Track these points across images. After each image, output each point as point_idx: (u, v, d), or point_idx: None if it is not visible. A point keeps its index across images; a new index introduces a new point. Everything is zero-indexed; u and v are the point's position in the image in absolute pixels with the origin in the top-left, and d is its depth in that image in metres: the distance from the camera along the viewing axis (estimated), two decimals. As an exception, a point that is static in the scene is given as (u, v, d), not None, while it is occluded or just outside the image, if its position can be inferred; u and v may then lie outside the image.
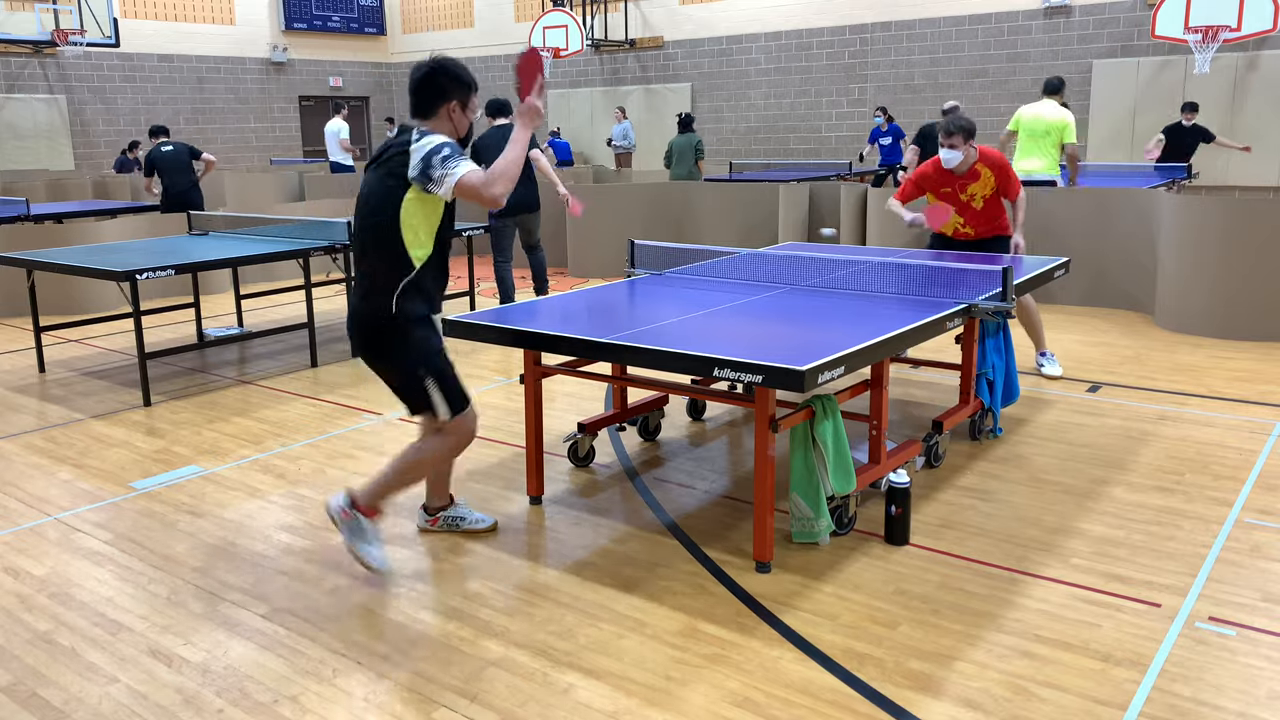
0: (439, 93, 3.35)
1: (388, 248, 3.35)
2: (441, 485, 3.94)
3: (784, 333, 3.72)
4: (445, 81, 3.34)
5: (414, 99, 3.38)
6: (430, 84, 3.34)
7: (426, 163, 3.24)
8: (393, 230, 3.33)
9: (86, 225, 8.88)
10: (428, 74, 3.34)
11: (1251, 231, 7.01)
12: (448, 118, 3.38)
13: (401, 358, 3.46)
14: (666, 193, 10.56)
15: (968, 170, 5.76)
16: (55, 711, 2.83)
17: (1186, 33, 11.76)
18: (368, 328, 3.44)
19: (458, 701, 2.84)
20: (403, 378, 3.51)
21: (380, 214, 3.34)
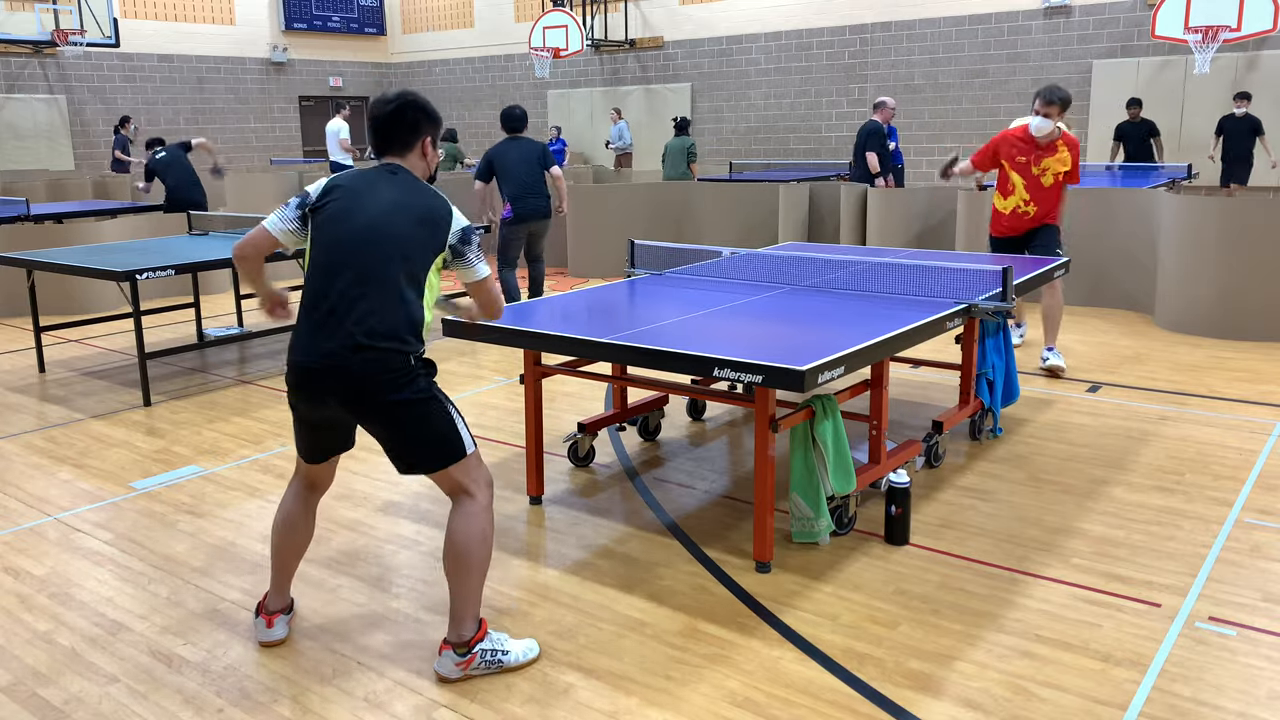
0: (413, 128, 3.01)
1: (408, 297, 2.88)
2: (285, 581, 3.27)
3: (784, 333, 3.72)
4: (419, 116, 3.02)
5: (386, 134, 3.00)
6: (404, 118, 2.99)
7: (466, 239, 2.98)
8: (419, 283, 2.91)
9: (86, 225, 8.88)
10: (399, 108, 2.98)
11: (1251, 231, 7.01)
12: (421, 154, 3.06)
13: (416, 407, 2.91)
14: (666, 193, 10.56)
15: (1048, 144, 5.97)
16: (55, 711, 2.83)
17: (1186, 33, 11.76)
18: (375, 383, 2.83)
19: (458, 701, 2.84)
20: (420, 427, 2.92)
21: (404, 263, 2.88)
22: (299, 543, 3.16)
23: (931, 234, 9.06)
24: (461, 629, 2.93)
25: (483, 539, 2.92)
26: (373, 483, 4.60)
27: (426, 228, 2.91)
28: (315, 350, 2.82)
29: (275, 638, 3.17)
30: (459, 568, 2.90)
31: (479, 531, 2.91)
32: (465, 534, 2.90)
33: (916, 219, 9.06)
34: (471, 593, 2.92)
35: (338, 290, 2.83)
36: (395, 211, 2.89)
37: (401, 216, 2.89)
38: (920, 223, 9.06)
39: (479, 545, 2.91)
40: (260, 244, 2.99)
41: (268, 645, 3.17)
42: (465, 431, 2.94)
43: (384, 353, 2.80)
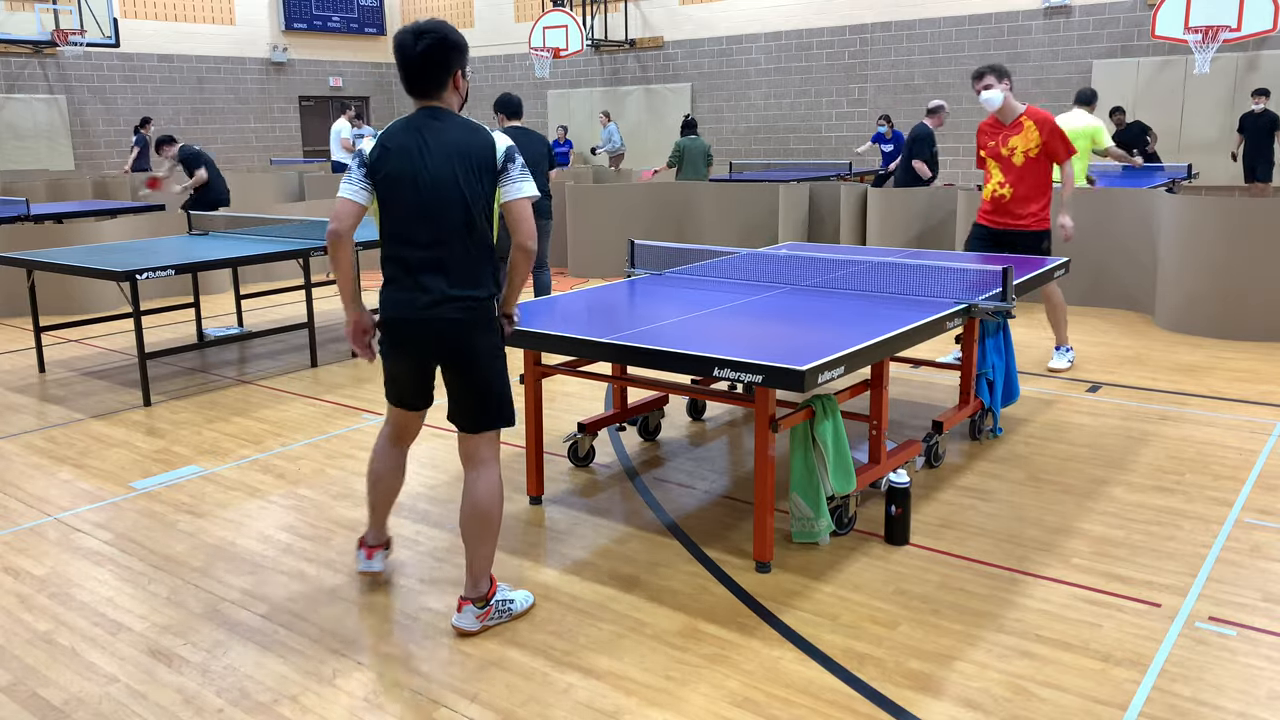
0: (444, 65, 3.03)
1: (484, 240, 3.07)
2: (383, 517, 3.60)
3: (784, 333, 3.72)
4: (449, 52, 3.03)
5: (419, 75, 3.02)
6: (434, 58, 3.00)
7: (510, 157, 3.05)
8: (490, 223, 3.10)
9: (86, 225, 8.88)
10: (429, 48, 2.99)
11: (1251, 231, 7.01)
12: (454, 88, 3.09)
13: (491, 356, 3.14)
14: (666, 193, 10.55)
15: (1011, 121, 5.84)
16: (55, 711, 2.83)
17: (1186, 33, 11.76)
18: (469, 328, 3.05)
19: (458, 701, 2.84)
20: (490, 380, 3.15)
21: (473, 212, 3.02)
22: (391, 488, 3.49)
23: (931, 234, 9.05)
24: (480, 585, 3.18)
25: (497, 500, 3.17)
26: (373, 483, 4.59)
27: (485, 171, 3.03)
28: (408, 305, 3.04)
29: (372, 569, 3.54)
30: (483, 528, 3.14)
31: (500, 495, 3.18)
32: (490, 497, 3.15)
33: (916, 219, 9.06)
34: (491, 551, 3.18)
35: (418, 254, 3.01)
36: (454, 163, 2.99)
37: (460, 168, 2.99)
38: (920, 223, 9.06)
39: (494, 506, 3.16)
40: (352, 212, 3.05)
41: (365, 575, 3.56)
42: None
43: (469, 302, 3.03)
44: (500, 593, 3.27)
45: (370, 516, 3.54)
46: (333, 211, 3.04)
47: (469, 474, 3.20)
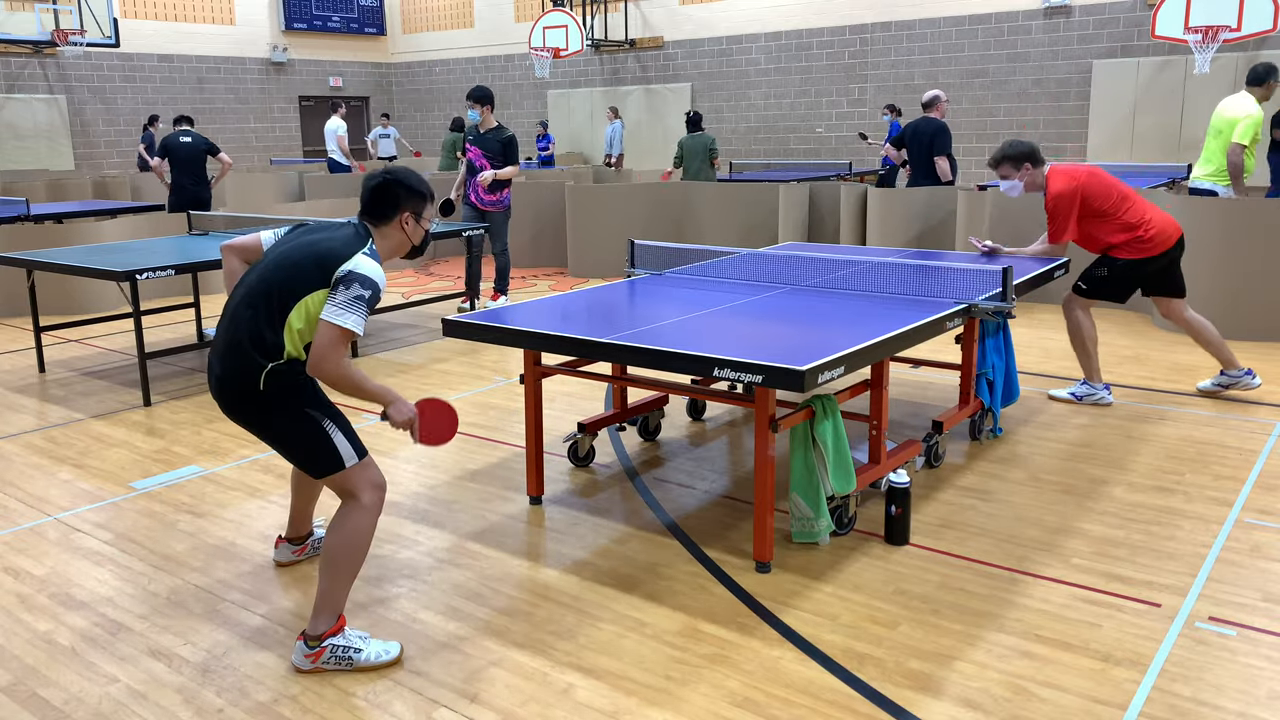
0: (393, 202, 3.11)
1: (268, 317, 2.96)
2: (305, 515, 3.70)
3: (784, 333, 3.72)
4: (400, 191, 3.11)
5: (371, 203, 3.12)
6: (385, 193, 3.11)
7: (346, 283, 2.90)
8: (286, 307, 2.96)
9: (86, 225, 8.88)
10: (381, 184, 3.11)
11: (1251, 231, 7.01)
12: (400, 227, 3.14)
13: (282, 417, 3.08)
14: (666, 193, 10.56)
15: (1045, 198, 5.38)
16: (55, 711, 2.83)
17: (1186, 33, 11.76)
18: (232, 391, 3.01)
19: (458, 701, 2.84)
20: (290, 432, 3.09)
21: (285, 282, 2.95)
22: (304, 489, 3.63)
23: (931, 234, 9.05)
24: (317, 622, 3.03)
25: (353, 537, 3.03)
26: (373, 483, 4.59)
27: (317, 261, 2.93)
28: (211, 352, 3.12)
29: (276, 558, 3.74)
30: (326, 562, 3.03)
31: (351, 530, 3.03)
32: (338, 532, 3.04)
33: (916, 219, 9.06)
34: (331, 590, 3.02)
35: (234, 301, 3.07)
36: (309, 246, 2.98)
37: (309, 250, 2.97)
38: (920, 223, 9.06)
39: (347, 543, 3.03)
40: (250, 242, 3.27)
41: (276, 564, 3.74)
42: (345, 445, 3.06)
43: (239, 363, 2.97)
44: (343, 638, 3.03)
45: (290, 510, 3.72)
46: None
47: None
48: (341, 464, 3.05)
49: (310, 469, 3.09)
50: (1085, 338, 5.61)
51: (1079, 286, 5.65)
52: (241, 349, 2.96)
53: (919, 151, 9.33)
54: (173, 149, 10.00)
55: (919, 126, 9.34)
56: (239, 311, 3.01)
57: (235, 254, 3.29)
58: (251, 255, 3.27)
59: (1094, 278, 5.58)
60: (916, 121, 9.44)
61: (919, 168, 9.38)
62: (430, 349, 7.34)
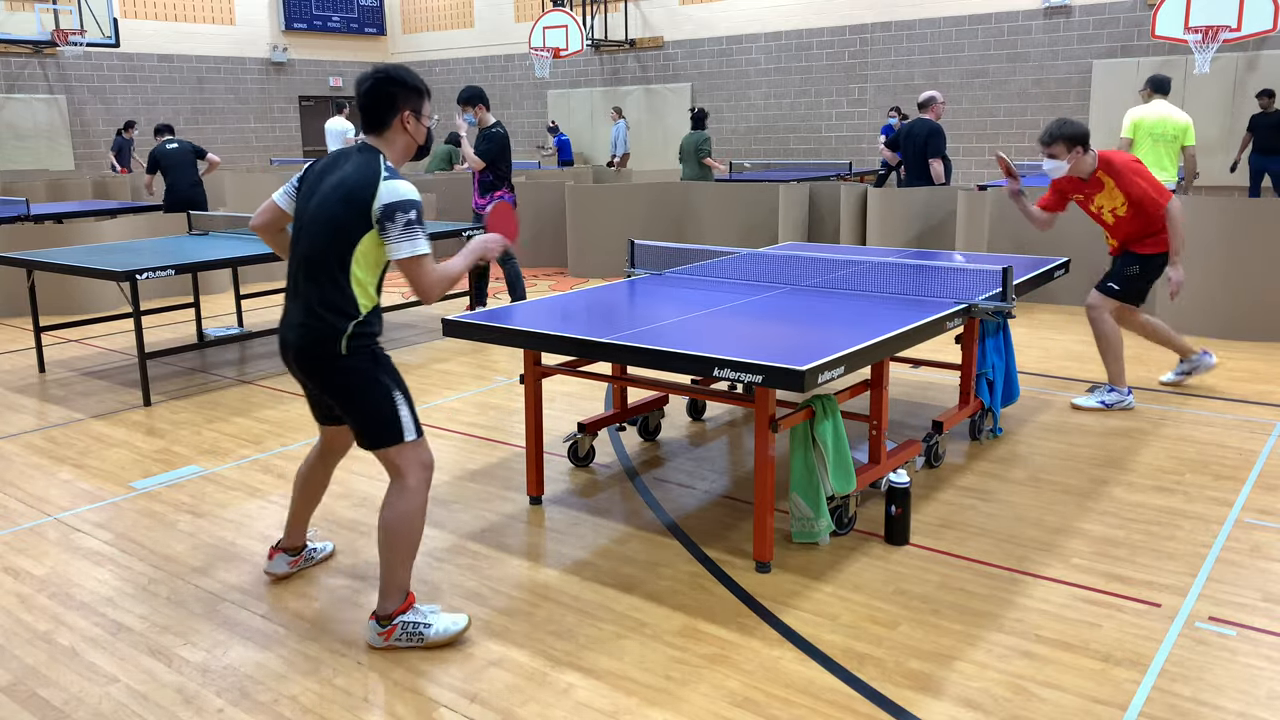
0: (389, 103, 3.03)
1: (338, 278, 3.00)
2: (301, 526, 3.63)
3: (784, 333, 3.72)
4: (395, 90, 3.03)
5: (364, 113, 3.05)
6: (379, 94, 3.02)
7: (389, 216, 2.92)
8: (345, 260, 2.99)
9: (86, 225, 8.88)
10: (374, 84, 3.02)
11: (1251, 231, 7.01)
12: (402, 128, 3.07)
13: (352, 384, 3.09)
14: (666, 193, 10.55)
15: (1090, 179, 5.26)
16: (55, 711, 2.83)
17: (1186, 33, 11.76)
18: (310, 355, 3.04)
19: (458, 701, 2.84)
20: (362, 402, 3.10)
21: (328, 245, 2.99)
22: (310, 495, 3.56)
23: (931, 234, 9.05)
24: (386, 602, 3.10)
25: (405, 519, 3.07)
26: (372, 483, 4.60)
27: (350, 206, 2.94)
28: (281, 324, 3.13)
29: (270, 570, 3.60)
30: (383, 544, 3.08)
31: (402, 511, 3.07)
32: (391, 511, 3.08)
33: (916, 219, 9.06)
34: (394, 568, 3.08)
35: (292, 271, 3.10)
36: (333, 191, 2.98)
37: (334, 196, 2.97)
38: (920, 223, 9.06)
39: (400, 524, 3.07)
40: (267, 213, 3.27)
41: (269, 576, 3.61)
42: (408, 419, 3.08)
43: (318, 331, 2.99)
44: (414, 614, 3.10)
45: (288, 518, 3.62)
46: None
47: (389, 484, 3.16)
48: (401, 436, 3.07)
49: (371, 437, 3.08)
50: (1117, 342, 5.50)
51: (1110, 288, 5.45)
52: (317, 317, 2.99)
53: (913, 153, 9.22)
54: (162, 158, 10.05)
55: (913, 128, 9.24)
56: (302, 286, 3.04)
57: (266, 231, 3.32)
58: (279, 222, 3.28)
59: (1126, 276, 5.42)
60: (911, 122, 9.34)
61: (912, 169, 9.29)
62: (430, 349, 7.35)
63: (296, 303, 3.06)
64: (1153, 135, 7.99)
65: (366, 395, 3.05)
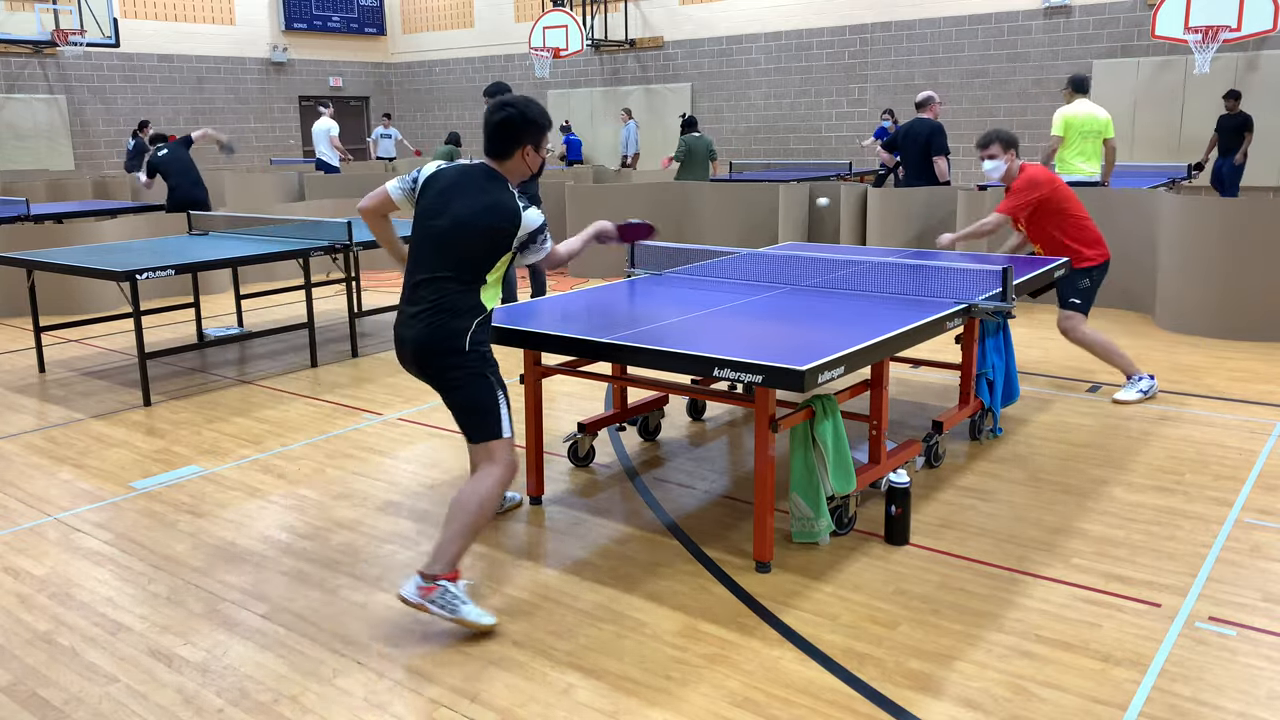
0: (514, 138, 3.35)
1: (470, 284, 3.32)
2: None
3: (784, 333, 3.72)
4: (521, 127, 3.35)
5: (491, 140, 3.37)
6: (507, 127, 3.34)
7: (533, 239, 3.37)
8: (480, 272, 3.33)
9: (86, 225, 8.88)
10: (504, 119, 3.34)
11: (1251, 231, 7.01)
12: (521, 159, 3.38)
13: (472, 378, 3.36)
14: (666, 193, 10.56)
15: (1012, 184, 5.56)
16: (55, 711, 2.83)
17: (1186, 33, 11.76)
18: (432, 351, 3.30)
19: (458, 701, 2.84)
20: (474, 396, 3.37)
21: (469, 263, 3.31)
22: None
23: (931, 234, 9.05)
24: (436, 564, 3.18)
25: (480, 500, 3.23)
26: (372, 483, 4.60)
27: (498, 232, 3.29)
28: (402, 322, 3.33)
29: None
30: (453, 514, 3.22)
31: (482, 492, 3.24)
32: (470, 490, 3.25)
33: (916, 219, 9.06)
34: (455, 538, 3.20)
35: (416, 275, 3.33)
36: (477, 216, 3.27)
37: (481, 221, 3.27)
38: (920, 223, 9.06)
39: (474, 502, 3.22)
40: (379, 200, 3.53)
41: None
42: (507, 419, 3.33)
43: (444, 329, 3.24)
44: (456, 586, 3.20)
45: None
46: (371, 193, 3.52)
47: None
48: (500, 432, 3.31)
49: (475, 429, 3.30)
50: (1107, 345, 5.69)
51: (1074, 303, 5.66)
52: (444, 314, 3.24)
53: (914, 152, 9.21)
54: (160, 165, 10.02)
55: (913, 127, 9.24)
56: (429, 289, 3.28)
57: (374, 215, 3.58)
58: (386, 209, 3.55)
59: (1082, 290, 5.65)
60: (910, 122, 9.33)
61: (912, 168, 9.28)
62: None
63: (420, 303, 3.29)
64: (1081, 132, 8.48)
65: (478, 389, 3.28)
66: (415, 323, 3.29)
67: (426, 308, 3.28)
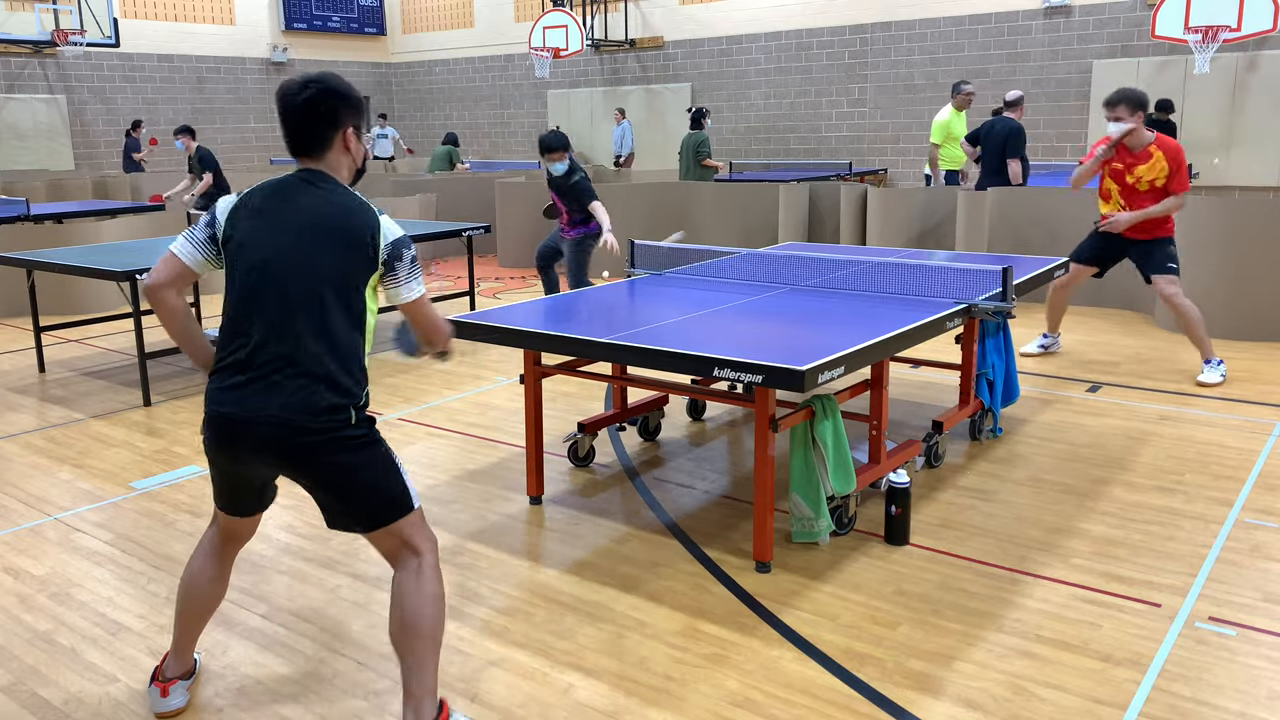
0: (330, 120, 2.54)
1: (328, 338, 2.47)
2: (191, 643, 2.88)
3: (784, 333, 3.72)
4: (336, 104, 2.53)
5: (297, 132, 2.54)
6: (317, 110, 2.51)
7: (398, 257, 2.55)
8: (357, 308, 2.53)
9: (86, 225, 8.88)
10: (311, 99, 2.50)
11: (1251, 231, 7.01)
12: (344, 149, 2.59)
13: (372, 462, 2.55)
14: (666, 193, 10.55)
15: (1140, 149, 5.89)
16: (55, 711, 2.83)
17: (1186, 33, 11.76)
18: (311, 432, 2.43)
19: (458, 701, 2.84)
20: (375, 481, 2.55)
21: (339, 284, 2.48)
22: (209, 602, 2.78)
23: (931, 234, 9.05)
24: (420, 711, 2.52)
25: (432, 603, 2.54)
26: (373, 483, 4.59)
27: (352, 248, 2.48)
28: (243, 404, 2.43)
29: (171, 708, 2.77)
30: (414, 637, 2.51)
31: (431, 593, 2.54)
32: (418, 597, 2.52)
33: (916, 219, 9.06)
34: (429, 666, 2.53)
35: (260, 338, 2.44)
36: (316, 236, 2.47)
37: (324, 241, 2.46)
38: (920, 223, 9.06)
39: (433, 609, 2.54)
40: (172, 274, 2.56)
41: (164, 717, 2.77)
42: (411, 484, 2.60)
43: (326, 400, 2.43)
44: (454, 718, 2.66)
45: (177, 639, 2.82)
46: (156, 268, 2.56)
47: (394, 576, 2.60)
48: (412, 505, 2.57)
49: (378, 516, 2.53)
50: (1200, 320, 6.00)
51: (1172, 268, 6.02)
52: (329, 384, 2.44)
53: (992, 152, 9.08)
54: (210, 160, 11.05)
55: (994, 125, 9.11)
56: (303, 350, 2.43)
57: (171, 290, 2.59)
58: (186, 281, 2.60)
59: (1173, 254, 6.05)
60: (993, 120, 9.20)
61: (988, 168, 9.15)
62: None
63: (286, 372, 2.42)
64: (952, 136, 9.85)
65: (376, 468, 2.51)
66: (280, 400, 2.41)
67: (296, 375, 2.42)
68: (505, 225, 11.49)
